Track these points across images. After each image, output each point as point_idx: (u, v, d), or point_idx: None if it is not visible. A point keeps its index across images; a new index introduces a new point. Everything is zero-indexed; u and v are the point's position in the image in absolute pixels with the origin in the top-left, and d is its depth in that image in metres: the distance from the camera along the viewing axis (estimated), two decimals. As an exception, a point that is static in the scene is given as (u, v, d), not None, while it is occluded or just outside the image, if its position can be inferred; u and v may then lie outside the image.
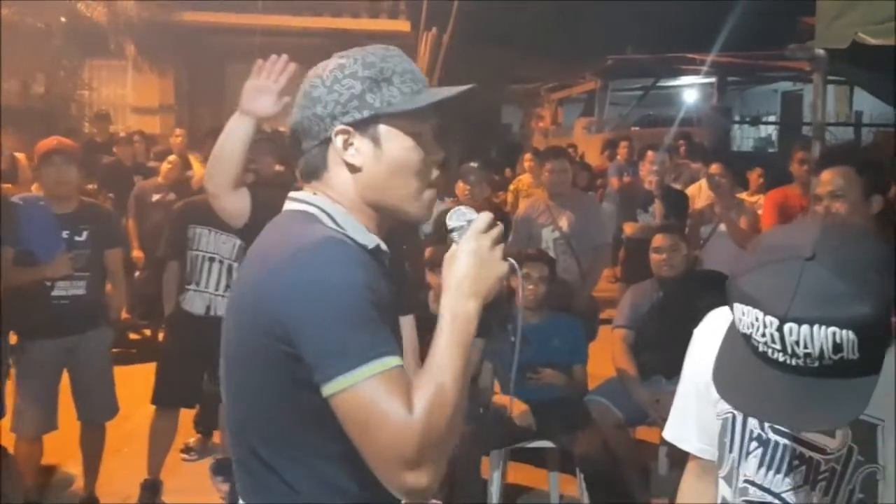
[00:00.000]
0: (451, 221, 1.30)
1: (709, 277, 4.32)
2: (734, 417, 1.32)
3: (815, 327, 1.02)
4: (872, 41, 3.27)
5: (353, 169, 1.28)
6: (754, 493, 1.30)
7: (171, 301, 3.86)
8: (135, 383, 4.24)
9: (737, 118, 13.73)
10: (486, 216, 1.28)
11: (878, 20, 3.28)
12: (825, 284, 1.03)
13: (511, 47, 14.01)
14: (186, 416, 4.06)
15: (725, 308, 1.42)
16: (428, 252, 3.99)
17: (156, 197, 5.88)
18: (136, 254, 5.77)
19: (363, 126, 1.26)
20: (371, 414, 1.11)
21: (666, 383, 3.63)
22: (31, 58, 11.69)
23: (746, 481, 1.31)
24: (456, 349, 1.19)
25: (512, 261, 1.29)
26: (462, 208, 1.32)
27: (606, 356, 3.94)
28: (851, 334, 1.01)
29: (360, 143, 1.26)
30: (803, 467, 1.26)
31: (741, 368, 1.10)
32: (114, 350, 3.86)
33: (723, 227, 4.95)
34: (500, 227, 1.29)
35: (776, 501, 1.28)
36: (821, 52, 3.57)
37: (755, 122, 13.72)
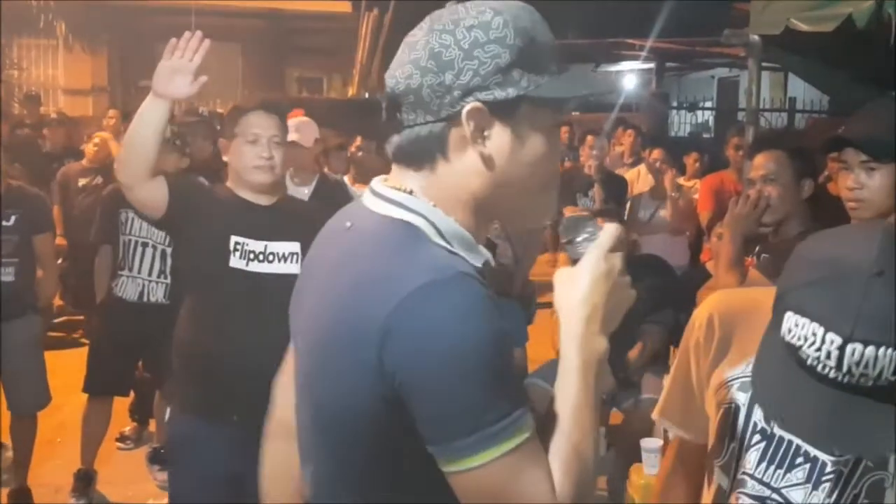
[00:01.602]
0: (570, 233, 1.08)
1: (647, 261, 4.40)
2: (737, 408, 1.27)
3: (882, 349, 0.97)
4: (805, 27, 3.36)
5: (481, 160, 1.00)
6: (752, 487, 1.26)
7: (103, 287, 3.76)
8: (67, 371, 4.12)
9: (674, 104, 13.96)
10: (614, 229, 1.04)
11: (810, 7, 3.36)
12: (894, 303, 0.98)
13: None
14: (121, 404, 3.97)
15: (725, 291, 1.44)
16: None
17: (82, 181, 5.69)
18: (59, 241, 5.58)
19: (503, 108, 0.98)
20: (507, 494, 0.92)
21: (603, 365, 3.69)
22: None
23: (745, 474, 1.27)
24: (590, 397, 0.99)
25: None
26: (580, 217, 1.11)
27: (545, 340, 3.98)
28: None
29: (497, 129, 0.99)
30: (808, 465, 1.22)
31: (784, 380, 1.06)
32: (50, 334, 3.75)
33: (662, 212, 5.04)
34: (624, 248, 1.05)
35: (775, 496, 1.24)
36: (755, 38, 3.66)
37: (692, 107, 13.98)
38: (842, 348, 0.99)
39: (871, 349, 0.98)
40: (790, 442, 1.23)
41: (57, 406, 3.77)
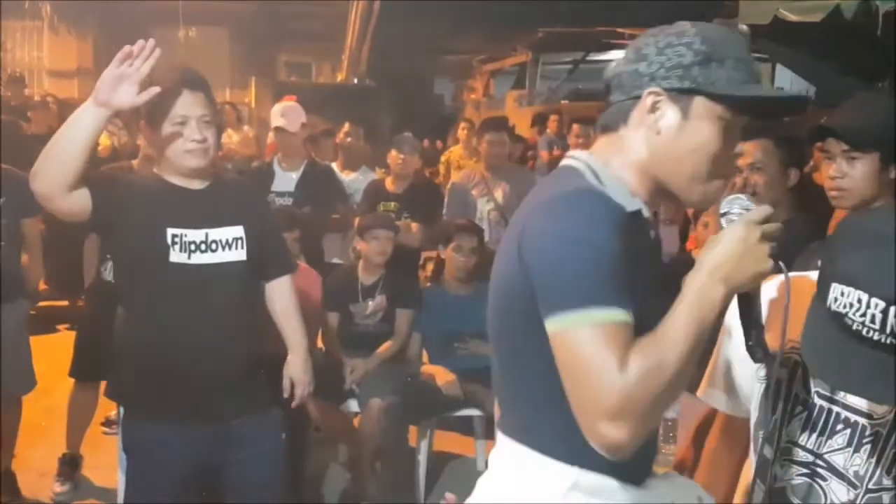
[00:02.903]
0: (727, 206, 1.28)
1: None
2: (779, 382, 1.36)
3: None
4: (793, 17, 3.37)
5: (651, 132, 1.25)
6: (797, 454, 1.35)
7: (91, 271, 3.74)
8: (54, 355, 4.11)
9: (663, 93, 14.03)
10: (765, 209, 1.23)
11: (799, -3, 3.38)
12: None
13: (443, 18, 13.90)
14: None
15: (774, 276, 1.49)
16: (357, 221, 3.97)
17: None
18: (40, 225, 5.53)
19: (678, 96, 1.23)
20: (583, 359, 1.11)
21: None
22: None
23: (789, 442, 1.36)
24: (691, 328, 1.14)
25: (781, 264, 1.21)
26: (742, 197, 1.29)
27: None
28: None
29: (669, 111, 1.24)
30: (848, 430, 1.31)
31: (832, 345, 1.15)
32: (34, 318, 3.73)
33: None
34: (777, 226, 1.22)
35: (819, 462, 1.33)
36: (744, 27, 3.67)
37: (681, 97, 14.03)
38: (885, 311, 1.09)
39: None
40: (830, 410, 1.32)
41: (44, 390, 3.75)
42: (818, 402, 1.34)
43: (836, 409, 1.32)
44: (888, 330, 1.09)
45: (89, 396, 3.67)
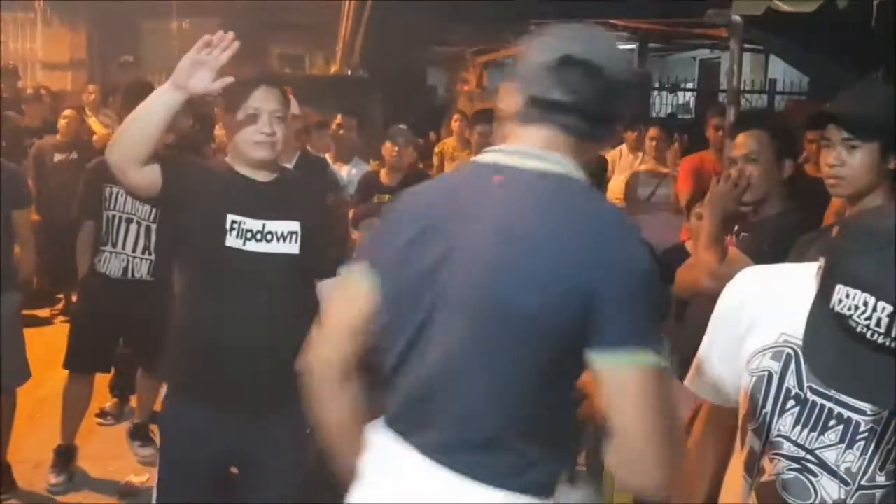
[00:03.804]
0: None
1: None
2: (770, 375, 1.35)
3: None
4: (787, 8, 3.37)
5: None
6: (787, 448, 1.34)
7: (85, 262, 3.74)
8: (47, 347, 4.11)
9: (656, 85, 13.98)
10: None
11: (791, -12, 3.38)
12: None
13: (436, 9, 13.86)
14: (102, 380, 3.97)
15: (759, 267, 1.50)
16: (352, 212, 3.97)
17: (58, 157, 5.63)
18: (34, 217, 5.53)
19: None
20: (658, 399, 1.18)
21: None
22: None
23: (780, 436, 1.35)
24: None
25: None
26: None
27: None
28: None
29: None
30: (841, 427, 1.30)
31: (835, 348, 1.14)
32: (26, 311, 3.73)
33: (662, 190, 5.09)
34: None
35: (809, 457, 1.32)
36: (737, 18, 3.67)
37: (674, 88, 14.01)
38: (892, 316, 1.07)
39: None
40: (822, 406, 1.31)
41: (38, 381, 3.75)
42: (811, 397, 1.32)
43: (829, 405, 1.30)
44: (893, 334, 1.08)
45: (84, 388, 3.67)
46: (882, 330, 1.08)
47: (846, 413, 1.29)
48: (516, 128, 1.35)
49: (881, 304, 1.08)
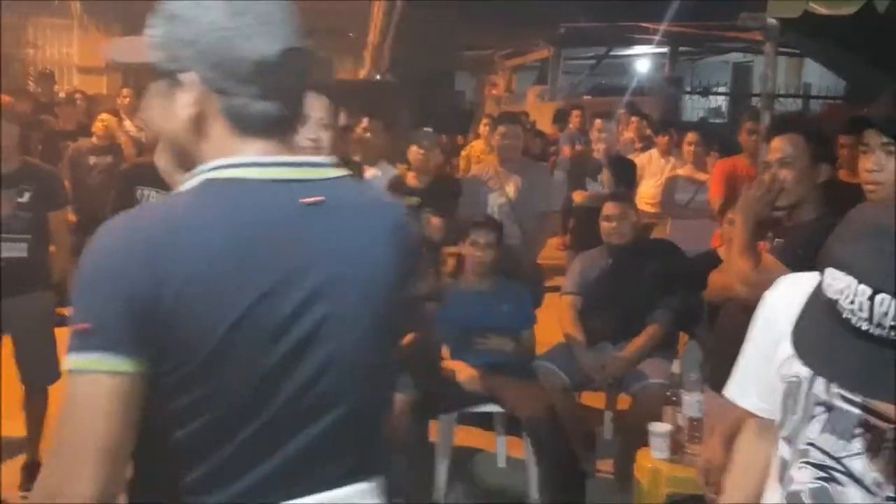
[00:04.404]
0: None
1: (657, 246, 4.39)
2: (800, 382, 1.33)
3: (887, 297, 1.04)
4: (824, 11, 3.31)
5: None
6: (815, 456, 1.32)
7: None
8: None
9: (688, 88, 13.87)
10: None
11: (829, -10, 3.32)
12: None
13: (465, 13, 13.87)
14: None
15: (799, 274, 1.47)
16: None
17: (93, 160, 5.72)
18: (70, 217, 5.62)
19: None
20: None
21: (612, 349, 3.69)
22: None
23: (808, 443, 1.33)
24: None
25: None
26: None
27: (552, 323, 3.99)
28: None
29: None
30: (868, 435, 1.27)
31: (821, 332, 1.13)
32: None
33: (701, 195, 5.06)
34: None
35: (837, 466, 1.30)
36: (773, 21, 3.62)
37: (706, 92, 13.89)
38: (871, 299, 1.05)
39: (883, 296, 1.04)
40: (849, 412, 1.28)
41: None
42: (838, 403, 1.29)
43: (855, 411, 1.28)
44: (875, 320, 1.06)
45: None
46: (865, 315, 1.06)
47: (873, 420, 1.26)
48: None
49: (861, 286, 1.06)
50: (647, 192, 5.89)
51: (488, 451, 3.97)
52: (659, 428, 2.83)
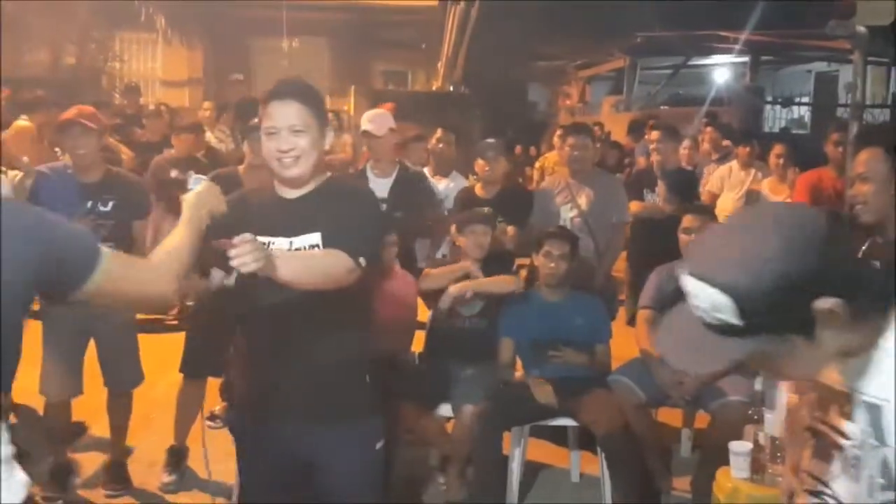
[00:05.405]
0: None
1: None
2: (794, 408, 1.37)
3: (699, 283, 1.14)
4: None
5: None
6: (809, 482, 1.33)
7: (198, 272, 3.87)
8: (162, 351, 4.28)
9: (769, 98, 13.50)
10: None
11: (922, -4, 3.20)
12: (726, 252, 1.13)
13: (539, 23, 13.85)
14: (212, 384, 4.11)
15: None
16: (453, 225, 3.95)
17: (174, 173, 5.91)
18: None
19: None
20: None
21: (690, 364, 3.60)
22: (62, 29, 11.76)
23: (805, 470, 1.34)
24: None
25: None
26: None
27: (628, 336, 3.92)
28: (726, 299, 1.11)
29: None
30: (840, 455, 1.27)
31: (672, 319, 1.25)
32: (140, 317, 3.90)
33: None
34: None
35: (826, 490, 1.30)
36: (862, 29, 3.50)
37: (787, 102, 13.48)
38: (685, 280, 1.15)
39: (695, 282, 1.14)
40: (824, 433, 1.29)
41: (151, 383, 3.92)
42: (819, 426, 1.30)
43: (828, 432, 1.28)
44: (693, 302, 1.15)
45: (197, 392, 3.80)
46: (693, 301, 1.15)
47: (839, 439, 1.27)
48: None
49: (683, 268, 1.16)
50: (727, 205, 5.74)
51: (562, 466, 3.93)
52: (740, 447, 2.75)
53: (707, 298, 1.12)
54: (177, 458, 3.78)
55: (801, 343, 1.14)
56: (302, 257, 2.04)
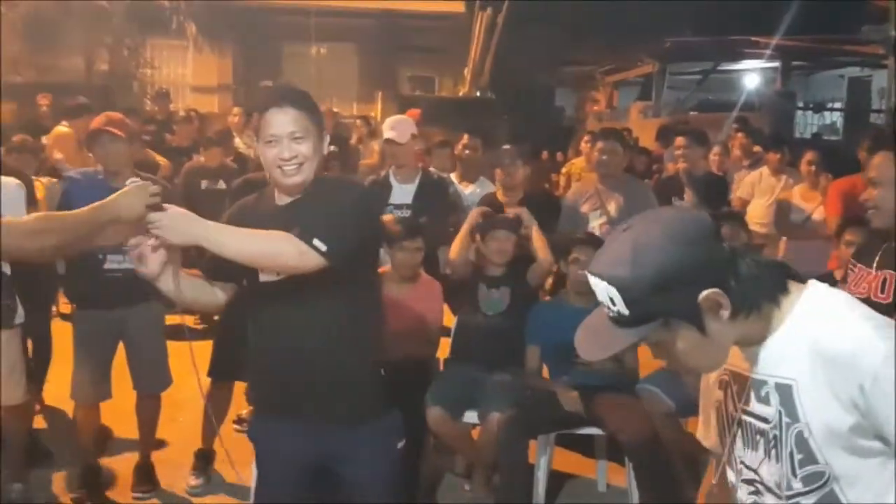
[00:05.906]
0: None
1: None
2: (722, 405, 1.42)
3: (595, 279, 1.28)
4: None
5: None
6: (746, 473, 1.39)
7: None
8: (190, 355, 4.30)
9: (800, 104, 13.34)
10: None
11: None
12: (619, 250, 1.25)
13: (566, 28, 13.81)
14: (239, 387, 4.13)
15: None
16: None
17: (205, 184, 5.97)
18: None
19: None
20: None
21: (719, 373, 3.56)
22: (94, 36, 11.95)
23: (741, 462, 1.40)
24: None
25: None
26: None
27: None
28: (614, 290, 1.24)
29: None
30: (762, 440, 1.33)
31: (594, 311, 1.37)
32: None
33: (816, 215, 4.86)
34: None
35: (756, 476, 1.37)
36: (894, 33, 3.44)
37: (819, 108, 13.31)
38: (588, 277, 1.30)
39: (593, 278, 1.28)
40: (749, 423, 1.36)
41: (179, 386, 3.95)
42: (743, 417, 1.36)
43: (750, 420, 1.35)
44: (597, 296, 1.29)
45: (224, 395, 3.83)
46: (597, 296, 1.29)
47: (759, 424, 1.33)
48: None
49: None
50: (757, 212, 5.66)
51: (588, 476, 3.89)
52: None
53: (602, 291, 1.26)
54: (204, 460, 3.81)
55: (695, 335, 1.24)
56: (248, 234, 2.01)
